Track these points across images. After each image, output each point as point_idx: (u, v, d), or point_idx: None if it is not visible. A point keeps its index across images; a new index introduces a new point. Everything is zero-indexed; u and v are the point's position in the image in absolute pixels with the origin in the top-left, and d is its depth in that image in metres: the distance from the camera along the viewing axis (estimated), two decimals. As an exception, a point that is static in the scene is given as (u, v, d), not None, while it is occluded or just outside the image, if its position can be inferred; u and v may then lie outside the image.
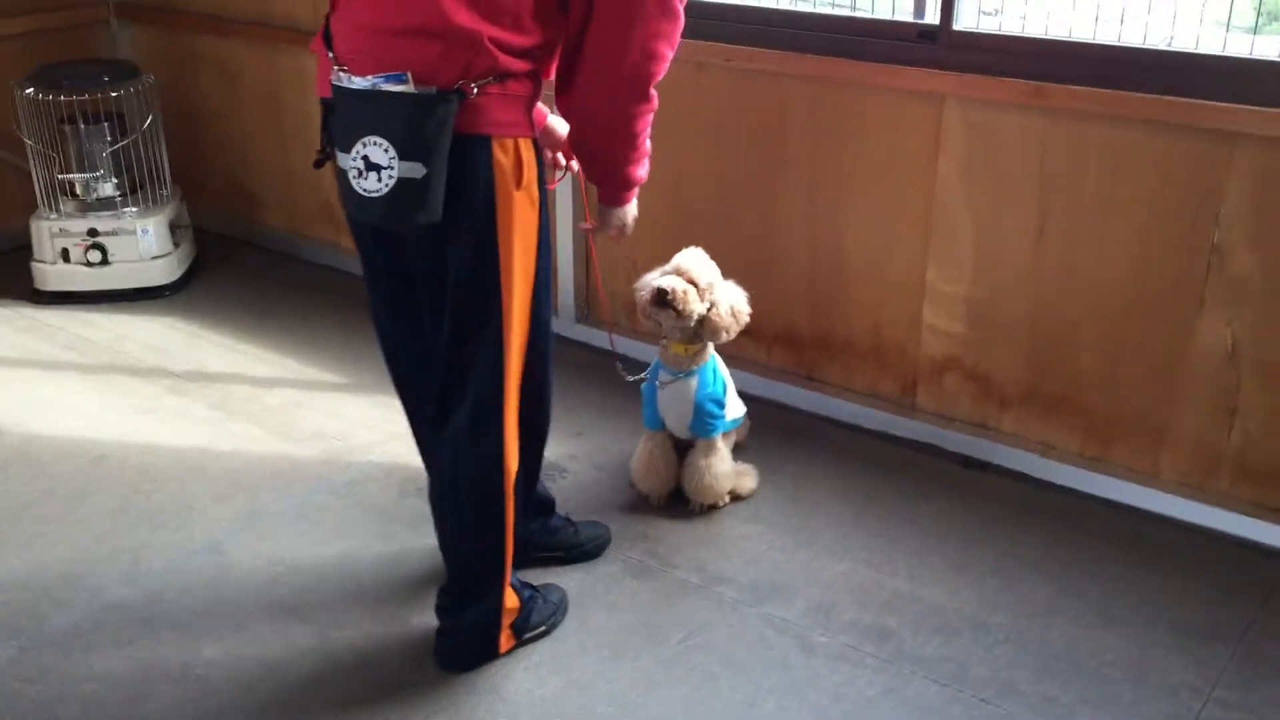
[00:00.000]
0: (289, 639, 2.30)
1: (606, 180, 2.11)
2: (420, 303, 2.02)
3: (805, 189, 3.03)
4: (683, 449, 2.72)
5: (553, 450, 2.93)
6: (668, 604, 2.41)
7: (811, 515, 2.72)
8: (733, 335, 2.59)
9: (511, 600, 2.21)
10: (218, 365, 3.41)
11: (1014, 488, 2.83)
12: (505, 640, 2.23)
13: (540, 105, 2.07)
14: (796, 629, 2.34)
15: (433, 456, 2.18)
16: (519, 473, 2.12)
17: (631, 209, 2.25)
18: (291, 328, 3.64)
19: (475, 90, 1.81)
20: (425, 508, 2.26)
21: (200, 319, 3.72)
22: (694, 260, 2.57)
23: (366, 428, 3.07)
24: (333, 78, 1.83)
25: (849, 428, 3.09)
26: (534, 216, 1.96)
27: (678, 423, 2.66)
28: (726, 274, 2.65)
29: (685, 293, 2.50)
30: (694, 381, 2.61)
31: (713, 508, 2.71)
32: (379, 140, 1.78)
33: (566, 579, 2.46)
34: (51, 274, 3.83)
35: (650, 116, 2.01)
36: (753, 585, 2.47)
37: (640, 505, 2.74)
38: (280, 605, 2.40)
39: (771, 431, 3.07)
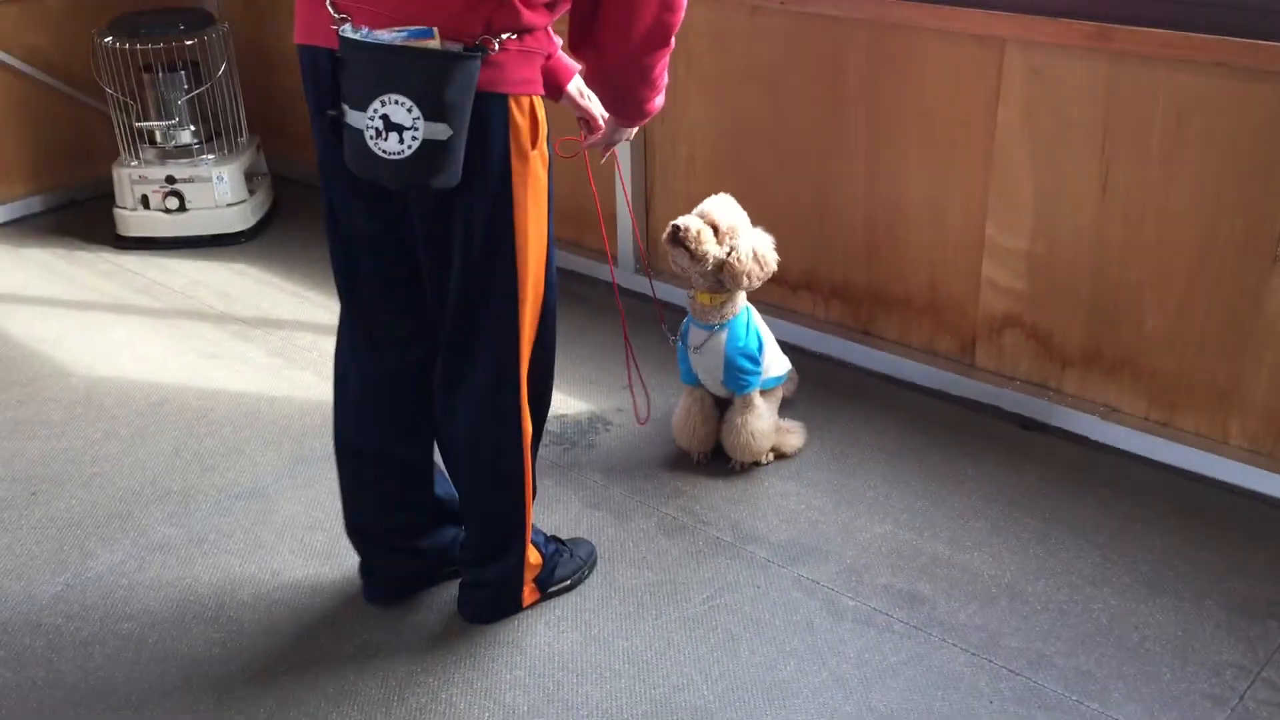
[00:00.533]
0: (319, 586, 2.33)
1: (624, 113, 2.05)
2: (416, 267, 1.97)
3: (863, 137, 2.92)
4: (724, 405, 2.68)
5: (600, 403, 2.93)
6: (696, 562, 2.38)
7: (855, 474, 2.65)
8: (755, 283, 2.52)
9: (534, 556, 2.20)
10: (283, 312, 3.46)
11: (1072, 451, 2.71)
12: (529, 594, 2.23)
13: (563, 61, 2.03)
14: (826, 591, 2.29)
15: (428, 414, 2.13)
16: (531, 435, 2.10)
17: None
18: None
19: (497, 47, 1.74)
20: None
21: (271, 266, 3.78)
22: (718, 204, 2.52)
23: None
24: (339, 28, 1.77)
25: (904, 385, 3.00)
26: (545, 176, 1.91)
27: (710, 379, 2.62)
28: (782, 225, 2.59)
29: (700, 232, 2.44)
30: (724, 336, 2.55)
31: (755, 465, 2.66)
32: (401, 99, 1.69)
33: (598, 534, 2.45)
34: (132, 220, 3.93)
35: (668, 58, 1.94)
36: (786, 545, 2.42)
37: (681, 461, 2.71)
38: (315, 552, 2.43)
39: (823, 388, 3.00)
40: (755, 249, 2.50)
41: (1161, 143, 2.46)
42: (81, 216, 4.19)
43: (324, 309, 3.45)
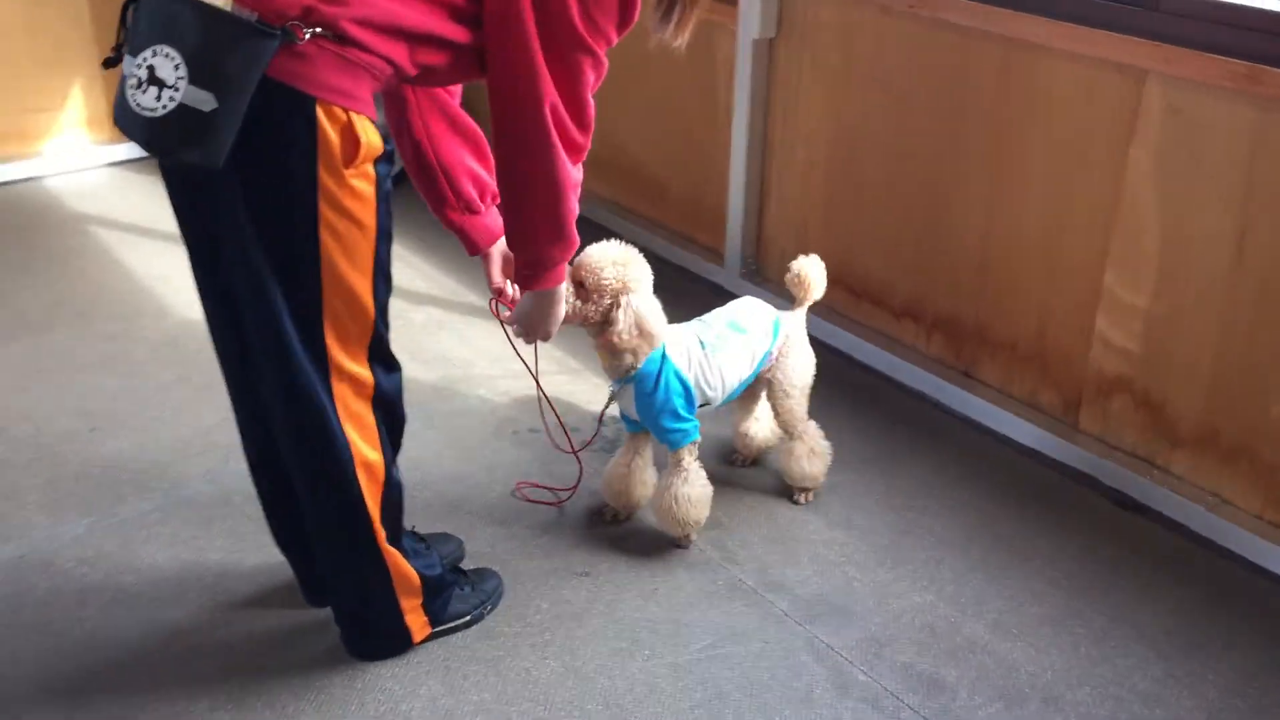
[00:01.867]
0: (322, 566, 2.28)
1: (518, 248, 1.82)
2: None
3: (983, 160, 2.65)
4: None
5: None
6: (708, 603, 2.21)
7: (911, 531, 2.42)
8: (639, 360, 2.19)
9: (404, 571, 1.98)
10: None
11: (1167, 540, 2.40)
12: (417, 627, 2.04)
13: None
14: (838, 660, 2.09)
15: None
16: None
17: (548, 304, 1.91)
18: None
19: (306, 36, 1.51)
20: (508, 452, 2.13)
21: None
22: (599, 258, 2.13)
23: (489, 360, 3.01)
24: None
25: (996, 437, 2.73)
26: (371, 197, 1.64)
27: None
28: (891, 244, 2.34)
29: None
30: (631, 390, 2.25)
31: (685, 538, 2.35)
32: (172, 53, 1.50)
33: (615, 558, 2.31)
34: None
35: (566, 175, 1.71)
36: (810, 600, 2.22)
37: (730, 489, 2.53)
38: (330, 530, 2.39)
39: (907, 426, 2.76)
40: (638, 321, 2.14)
41: (1310, 208, 2.13)
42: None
43: (423, 277, 3.41)
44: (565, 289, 2.02)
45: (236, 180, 1.58)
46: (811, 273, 2.41)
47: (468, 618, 2.11)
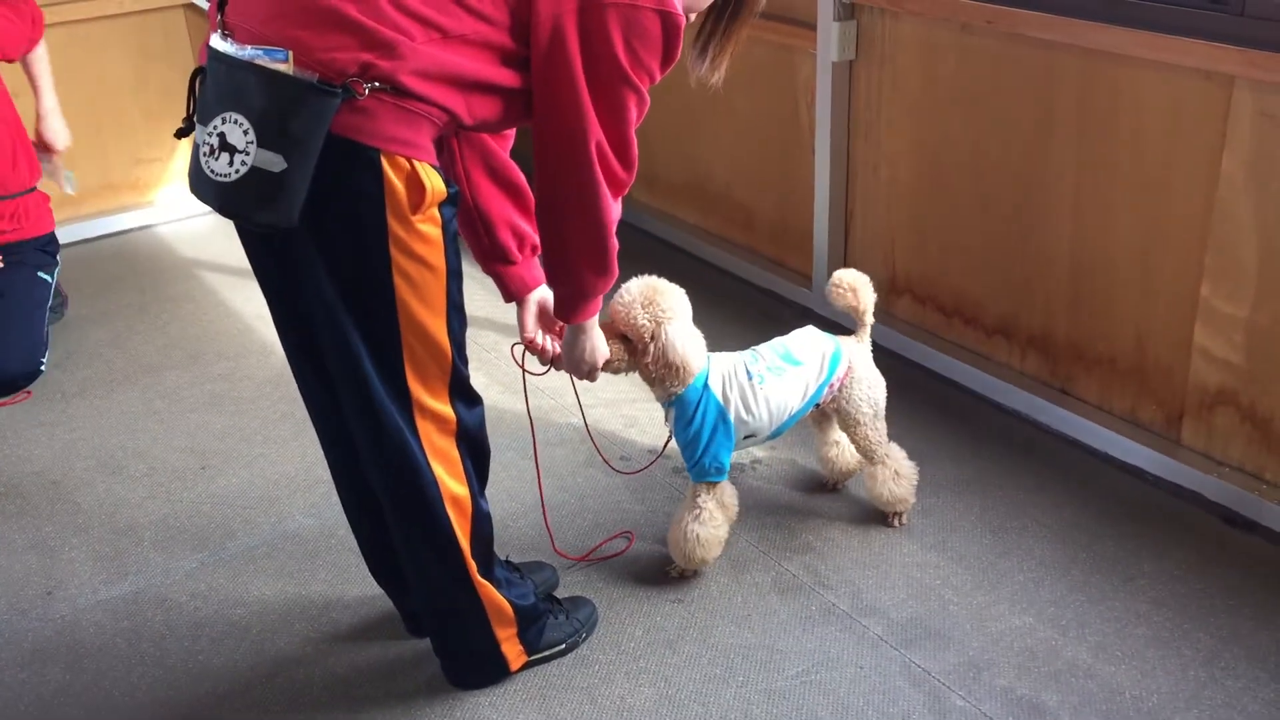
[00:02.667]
0: (421, 597, 2.34)
1: (558, 282, 1.87)
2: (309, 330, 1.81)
3: (1070, 175, 2.61)
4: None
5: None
6: (803, 628, 2.21)
7: (1009, 553, 2.38)
8: (673, 384, 2.18)
9: (498, 603, 2.03)
10: (474, 308, 3.49)
11: (1279, 559, 2.33)
12: (514, 656, 2.08)
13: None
14: (935, 684, 2.06)
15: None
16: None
17: (589, 338, 1.99)
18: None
19: (366, 92, 1.55)
20: (600, 480, 2.13)
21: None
22: (625, 305, 2.14)
23: (584, 391, 3.04)
24: (210, 40, 1.62)
25: (1096, 455, 2.68)
26: (439, 241, 1.69)
27: None
28: (981, 262, 2.30)
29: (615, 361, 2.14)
30: (672, 412, 2.25)
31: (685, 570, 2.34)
32: (240, 119, 1.55)
33: (708, 583, 2.32)
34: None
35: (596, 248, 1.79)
36: (905, 624, 2.21)
37: (820, 513, 2.53)
38: (429, 561, 2.44)
39: (1002, 446, 2.72)
40: (665, 351, 2.13)
41: None
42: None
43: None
44: (612, 347, 2.08)
45: (310, 236, 1.64)
46: (855, 280, 2.36)
47: (562, 645, 2.14)
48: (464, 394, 1.85)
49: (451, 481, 1.86)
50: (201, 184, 1.61)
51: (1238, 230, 2.33)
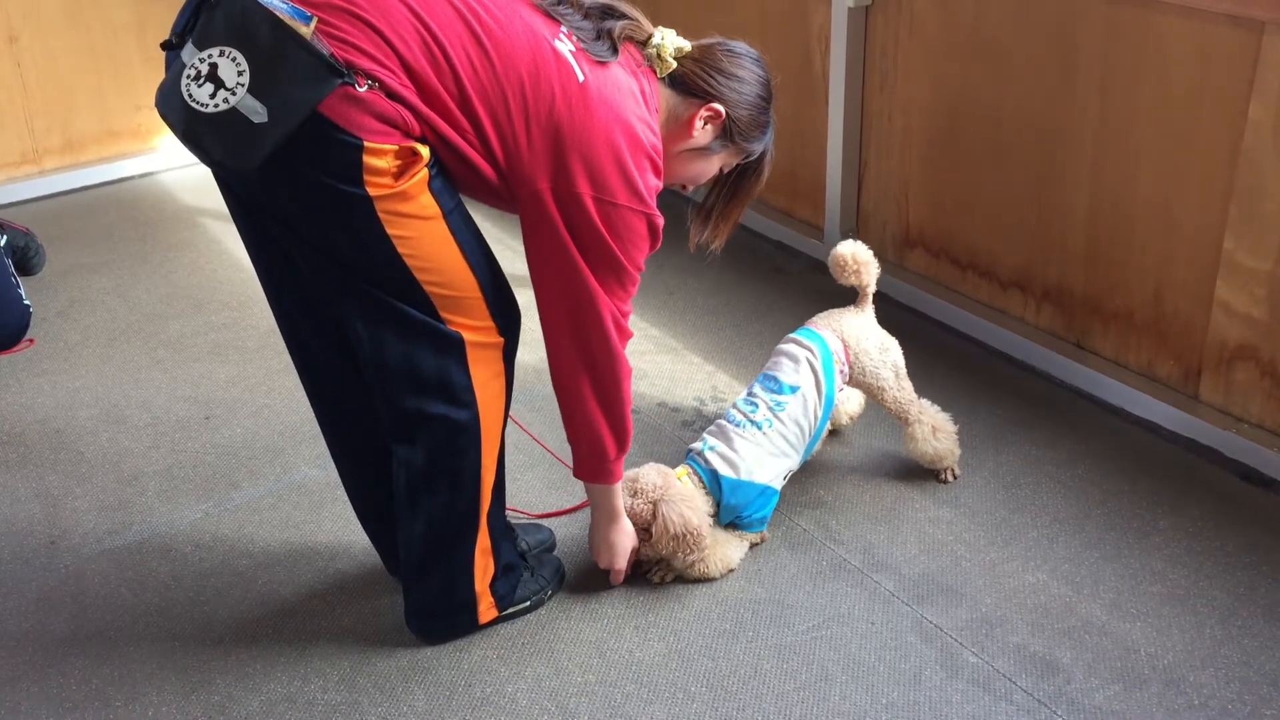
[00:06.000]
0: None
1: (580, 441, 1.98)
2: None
3: (1091, 124, 2.56)
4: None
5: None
6: (813, 584, 2.18)
7: (1023, 509, 2.35)
8: (687, 557, 2.16)
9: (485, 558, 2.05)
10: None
11: (1297, 516, 2.30)
12: (484, 610, 2.08)
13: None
14: (947, 641, 2.04)
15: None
16: None
17: (619, 529, 2.11)
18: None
19: (364, 88, 1.58)
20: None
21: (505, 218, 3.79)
22: (645, 499, 2.14)
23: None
24: None
25: (1112, 410, 2.64)
26: (422, 193, 1.69)
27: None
28: (997, 214, 2.25)
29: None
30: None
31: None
32: (239, 59, 1.55)
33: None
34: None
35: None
36: (917, 580, 2.18)
37: (834, 468, 2.50)
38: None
39: (1016, 400, 2.69)
40: (676, 527, 2.10)
41: None
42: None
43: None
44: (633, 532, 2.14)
45: (294, 206, 1.67)
46: (860, 257, 2.36)
47: (528, 603, 2.13)
48: (505, 311, 1.86)
49: (492, 407, 1.89)
50: (172, 103, 1.61)
51: (1264, 180, 2.27)
